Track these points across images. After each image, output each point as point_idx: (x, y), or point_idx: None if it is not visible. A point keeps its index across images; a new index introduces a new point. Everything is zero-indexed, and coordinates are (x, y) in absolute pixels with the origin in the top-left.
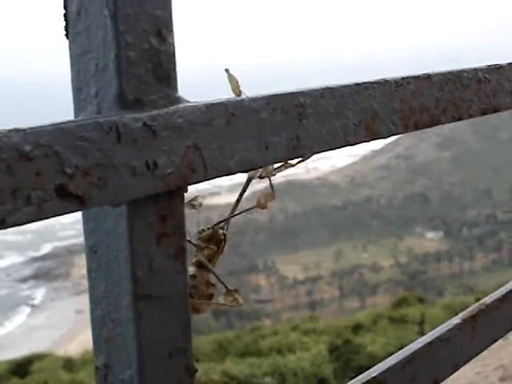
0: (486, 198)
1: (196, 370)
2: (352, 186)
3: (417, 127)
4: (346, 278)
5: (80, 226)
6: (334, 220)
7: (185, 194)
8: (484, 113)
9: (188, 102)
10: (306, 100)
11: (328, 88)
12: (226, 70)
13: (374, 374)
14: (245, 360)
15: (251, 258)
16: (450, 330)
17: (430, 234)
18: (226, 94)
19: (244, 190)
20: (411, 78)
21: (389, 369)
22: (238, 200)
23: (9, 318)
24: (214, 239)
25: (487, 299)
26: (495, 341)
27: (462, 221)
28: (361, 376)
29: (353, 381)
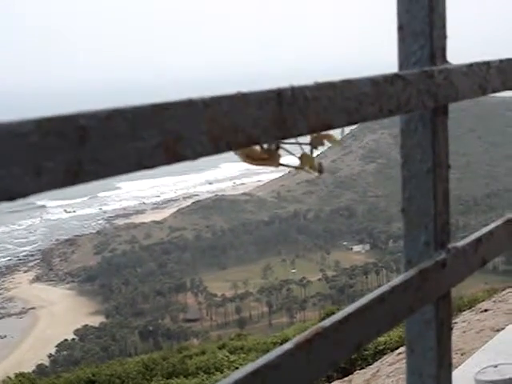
0: None
1: None
2: (279, 201)
3: (230, 147)
4: (275, 293)
5: None
6: (261, 236)
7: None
8: (312, 131)
9: None
10: (88, 122)
11: (117, 109)
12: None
13: None
14: (171, 381)
15: (178, 277)
16: (279, 356)
17: (357, 248)
18: None
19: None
20: (223, 97)
21: None
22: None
23: None
24: None
25: (326, 322)
26: (336, 364)
27: (388, 233)
28: None
29: None
